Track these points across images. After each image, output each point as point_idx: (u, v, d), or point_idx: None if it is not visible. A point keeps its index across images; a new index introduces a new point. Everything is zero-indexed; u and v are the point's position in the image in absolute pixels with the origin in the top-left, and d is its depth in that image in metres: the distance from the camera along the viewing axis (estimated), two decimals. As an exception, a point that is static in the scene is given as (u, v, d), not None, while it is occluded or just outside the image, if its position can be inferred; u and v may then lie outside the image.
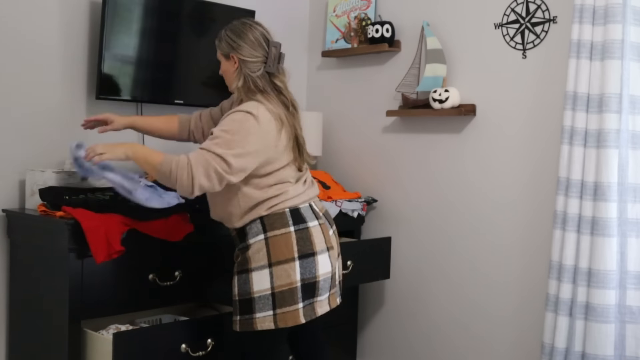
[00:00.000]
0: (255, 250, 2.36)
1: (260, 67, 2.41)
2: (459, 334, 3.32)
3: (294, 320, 2.35)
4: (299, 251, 2.35)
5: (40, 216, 2.59)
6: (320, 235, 2.42)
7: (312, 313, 2.39)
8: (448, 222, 3.35)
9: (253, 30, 2.43)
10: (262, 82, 2.41)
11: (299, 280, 2.34)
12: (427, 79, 3.29)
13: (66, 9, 2.96)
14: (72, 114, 3.00)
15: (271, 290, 2.33)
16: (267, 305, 2.33)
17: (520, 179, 3.10)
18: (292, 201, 2.40)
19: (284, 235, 2.36)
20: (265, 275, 2.33)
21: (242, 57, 2.41)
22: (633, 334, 2.68)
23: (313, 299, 2.39)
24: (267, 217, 2.37)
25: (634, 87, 2.67)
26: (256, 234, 2.37)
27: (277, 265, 2.33)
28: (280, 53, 2.44)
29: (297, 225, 2.38)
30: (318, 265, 2.38)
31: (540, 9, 3.02)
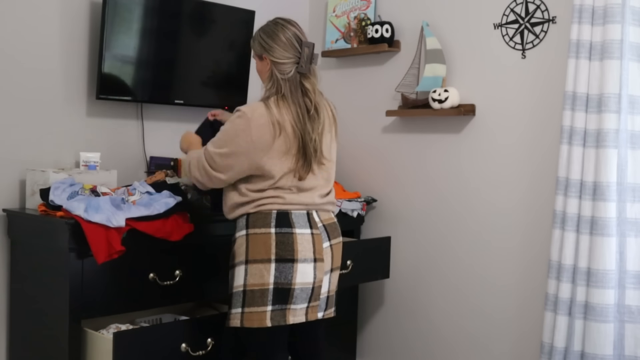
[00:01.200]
0: (238, 245, 2.38)
1: (292, 68, 2.37)
2: (458, 333, 3.32)
3: (260, 322, 2.30)
4: (276, 254, 2.31)
5: (41, 216, 2.59)
6: (307, 245, 2.35)
7: (282, 319, 2.33)
8: (447, 222, 3.35)
9: (285, 30, 2.40)
10: (287, 86, 2.36)
11: (272, 282, 2.30)
12: (426, 79, 3.30)
13: (66, 9, 2.96)
14: (72, 114, 3.00)
15: (243, 287, 2.33)
16: (238, 302, 2.34)
17: (519, 179, 3.11)
18: (284, 205, 2.35)
19: (263, 235, 2.33)
20: (241, 272, 2.34)
21: (274, 58, 2.38)
22: (632, 334, 2.69)
23: (285, 306, 2.33)
24: (253, 215, 2.36)
25: (633, 87, 2.68)
26: (240, 229, 2.39)
27: (252, 263, 2.32)
28: (312, 53, 2.40)
29: (279, 227, 2.33)
30: (296, 273, 2.32)
31: (539, 9, 3.03)
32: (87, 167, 2.86)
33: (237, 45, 3.40)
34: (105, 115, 3.10)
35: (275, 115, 2.32)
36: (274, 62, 2.38)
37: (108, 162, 3.06)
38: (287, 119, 2.33)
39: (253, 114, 2.31)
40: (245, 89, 3.46)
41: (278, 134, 2.31)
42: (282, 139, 2.32)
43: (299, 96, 2.37)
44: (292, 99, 2.36)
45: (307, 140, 2.35)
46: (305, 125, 2.35)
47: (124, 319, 2.74)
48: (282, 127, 2.31)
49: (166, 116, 3.31)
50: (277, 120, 2.31)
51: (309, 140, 2.35)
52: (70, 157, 2.96)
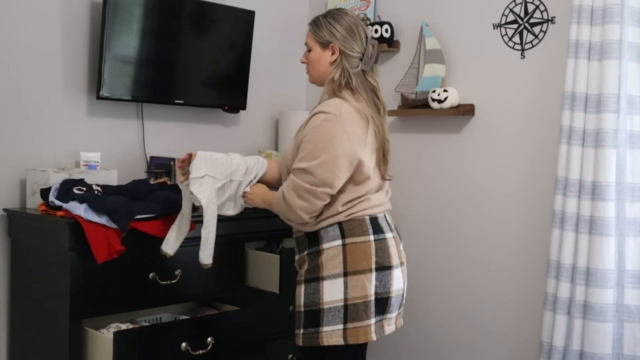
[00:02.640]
0: (330, 256, 2.19)
1: (358, 63, 2.27)
2: (458, 333, 3.33)
3: (366, 337, 2.18)
4: (376, 262, 2.19)
5: (41, 215, 2.60)
6: (394, 249, 2.27)
7: (382, 331, 2.23)
8: (447, 222, 3.36)
9: (358, 24, 2.29)
10: (358, 80, 2.26)
11: (373, 293, 2.17)
12: (426, 79, 3.30)
13: (67, 10, 2.97)
14: (72, 114, 3.01)
15: (344, 302, 2.15)
16: (337, 318, 2.16)
17: (518, 179, 3.11)
18: (372, 209, 2.24)
19: (363, 244, 2.19)
20: (339, 285, 2.16)
21: (345, 49, 2.25)
22: (631, 333, 2.69)
23: (383, 316, 2.22)
24: (346, 223, 2.20)
25: (631, 87, 2.68)
26: (332, 239, 2.20)
27: (353, 275, 2.16)
28: (377, 52, 2.32)
29: (376, 234, 2.22)
30: (393, 280, 2.22)
31: (538, 10, 3.04)
32: (87, 166, 2.87)
33: (237, 45, 3.41)
34: (105, 115, 3.11)
35: (360, 108, 2.20)
36: (344, 53, 2.26)
37: (108, 161, 3.07)
38: (368, 112, 2.22)
39: (341, 112, 2.16)
40: (245, 89, 3.46)
41: (367, 125, 2.20)
42: (371, 132, 2.22)
43: (369, 93, 2.27)
44: (364, 94, 2.25)
45: (385, 139, 2.27)
46: (382, 124, 2.27)
47: (124, 319, 2.75)
48: (368, 119, 2.21)
49: (166, 116, 3.32)
50: (363, 111, 2.20)
51: (386, 139, 2.28)
52: (71, 156, 2.97)
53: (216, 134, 3.51)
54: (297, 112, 3.70)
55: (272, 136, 3.78)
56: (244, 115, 3.62)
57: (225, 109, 3.48)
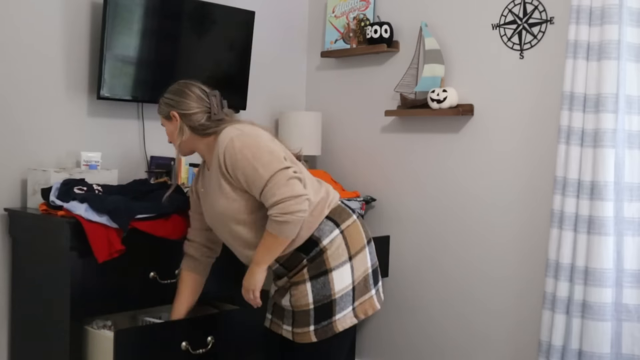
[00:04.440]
0: (335, 247, 2.24)
1: (204, 116, 2.29)
2: (456, 332, 3.34)
3: (372, 307, 2.29)
4: (366, 236, 2.35)
5: (42, 215, 2.61)
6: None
7: (379, 298, 2.35)
8: (446, 221, 3.37)
9: (190, 86, 2.33)
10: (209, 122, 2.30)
11: (370, 265, 2.32)
12: (425, 79, 3.31)
13: (67, 10, 2.98)
14: (73, 114, 3.02)
15: (352, 284, 2.24)
16: (348, 301, 2.23)
17: (517, 178, 3.12)
18: (335, 195, 2.36)
19: (354, 224, 2.32)
20: (347, 270, 2.24)
21: (182, 110, 2.29)
22: (629, 332, 2.70)
23: (377, 285, 2.36)
24: (332, 212, 2.30)
25: (630, 87, 2.69)
26: (330, 231, 2.26)
27: (355, 256, 2.27)
28: (221, 101, 2.34)
29: (354, 214, 2.37)
30: (373, 253, 2.37)
31: (537, 10, 3.04)
32: (88, 166, 2.88)
33: (237, 45, 3.42)
34: (106, 115, 3.12)
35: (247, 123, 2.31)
36: (183, 115, 2.29)
37: (109, 161, 3.07)
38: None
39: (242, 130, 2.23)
40: (245, 89, 3.47)
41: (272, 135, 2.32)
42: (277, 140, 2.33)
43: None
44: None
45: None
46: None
47: (124, 318, 2.76)
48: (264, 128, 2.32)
49: (166, 116, 3.32)
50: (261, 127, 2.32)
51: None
52: (72, 156, 2.98)
53: (216, 133, 3.52)
54: (297, 112, 3.71)
55: (272, 136, 3.78)
56: (244, 116, 3.63)
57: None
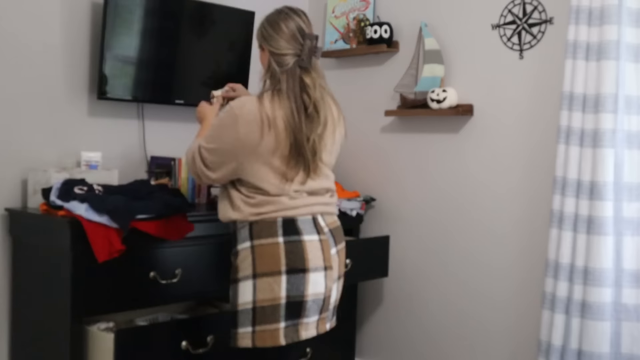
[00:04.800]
0: (242, 258, 2.16)
1: (291, 60, 2.18)
2: (456, 332, 3.34)
3: (273, 341, 2.11)
4: (287, 264, 2.11)
5: (42, 215, 2.62)
6: (317, 252, 2.16)
7: (295, 335, 2.14)
8: (446, 221, 3.37)
9: (288, 21, 2.20)
10: (284, 80, 2.17)
11: (284, 297, 2.10)
12: (425, 79, 3.32)
13: (68, 10, 2.98)
14: (73, 114, 3.02)
15: (252, 304, 2.12)
16: (247, 320, 2.13)
17: (517, 178, 3.13)
18: (288, 211, 2.16)
19: (270, 246, 2.13)
20: (249, 287, 2.13)
21: (272, 49, 2.20)
22: (629, 332, 2.70)
23: (298, 320, 2.14)
24: (256, 224, 2.15)
25: (629, 87, 2.69)
26: (244, 241, 2.17)
27: (261, 277, 2.11)
28: (316, 47, 2.21)
29: (287, 236, 2.14)
30: (308, 284, 2.13)
31: (537, 10, 3.05)
32: (88, 166, 2.88)
33: (237, 45, 3.42)
34: (106, 115, 3.12)
35: (267, 109, 2.13)
36: (272, 53, 2.21)
37: (109, 161, 3.08)
38: (279, 115, 2.13)
39: (242, 110, 2.14)
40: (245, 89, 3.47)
41: (267, 129, 2.12)
42: (272, 136, 2.13)
43: (296, 92, 2.17)
44: (289, 93, 2.16)
45: (302, 140, 2.15)
46: (300, 124, 2.14)
47: (123, 318, 2.77)
48: (272, 123, 2.12)
49: (167, 116, 3.33)
50: (267, 115, 2.12)
51: (304, 140, 2.15)
52: (72, 156, 2.98)
53: (216, 133, 3.52)
54: (297, 112, 3.71)
55: (272, 136, 3.79)
56: (244, 115, 3.63)
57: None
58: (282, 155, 2.15)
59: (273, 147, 2.14)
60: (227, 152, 2.16)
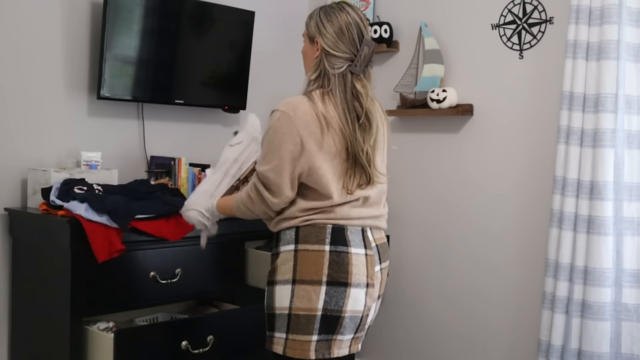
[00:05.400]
0: (283, 260, 2.04)
1: (344, 64, 2.03)
2: (457, 331, 3.34)
3: (303, 353, 1.99)
4: (329, 275, 1.98)
5: (42, 215, 2.62)
6: (362, 267, 2.02)
7: (327, 351, 2.01)
8: (446, 221, 3.37)
9: (349, 18, 2.04)
10: (336, 83, 2.02)
11: (321, 309, 1.97)
12: (425, 79, 3.32)
13: (68, 10, 2.98)
14: (73, 114, 3.02)
15: (289, 310, 2.00)
16: (282, 326, 2.01)
17: (517, 178, 3.13)
18: (339, 220, 2.02)
19: (315, 253, 2.00)
20: (287, 292, 2.00)
21: (326, 47, 2.03)
22: (629, 332, 2.70)
23: (332, 336, 2.00)
24: (303, 228, 2.02)
25: (629, 87, 2.69)
26: (287, 243, 2.05)
27: (300, 283, 1.99)
28: (372, 55, 2.06)
29: (334, 245, 2.00)
30: (348, 299, 1.99)
31: (536, 10, 3.05)
32: (88, 166, 2.88)
33: (237, 45, 3.42)
34: (106, 115, 3.12)
35: (321, 108, 1.98)
36: (325, 51, 2.03)
37: (109, 161, 3.08)
38: (333, 116, 1.99)
39: (296, 112, 1.97)
40: (245, 89, 3.48)
41: (326, 129, 1.98)
42: (331, 136, 1.99)
43: (348, 98, 2.01)
44: (341, 98, 2.01)
45: (358, 149, 2.01)
46: (354, 132, 2.00)
47: (123, 317, 2.77)
48: (328, 123, 1.98)
49: (166, 116, 3.33)
50: (323, 115, 1.98)
51: (359, 150, 2.01)
52: (72, 156, 2.98)
53: (216, 134, 3.53)
54: (297, 112, 3.71)
55: (271, 136, 3.79)
56: (244, 115, 3.64)
57: (225, 109, 3.49)
58: (342, 159, 2.02)
59: (333, 150, 2.00)
60: (289, 162, 1.98)
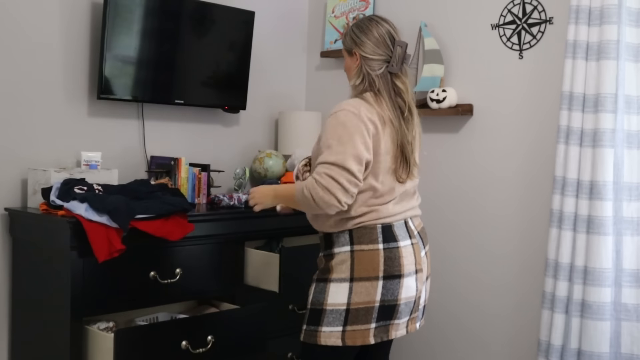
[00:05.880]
0: (339, 261, 2.22)
1: (382, 65, 2.27)
2: (456, 330, 3.34)
3: (363, 339, 2.20)
4: (384, 271, 2.20)
5: (42, 215, 2.62)
6: (410, 257, 2.27)
7: (385, 335, 2.24)
8: (445, 221, 3.37)
9: (379, 27, 2.30)
10: (380, 82, 2.26)
11: (379, 300, 2.19)
12: (424, 79, 3.32)
13: (68, 10, 2.98)
14: (73, 114, 3.03)
15: (347, 306, 2.19)
16: (337, 320, 2.19)
17: (516, 178, 3.13)
18: (386, 219, 2.24)
19: (371, 252, 2.21)
20: (344, 289, 2.19)
21: (364, 53, 2.28)
22: (628, 332, 2.70)
23: (389, 322, 2.24)
24: (357, 230, 2.22)
25: (629, 87, 2.69)
26: (343, 245, 2.24)
27: (358, 281, 2.19)
28: (405, 53, 2.31)
29: (387, 243, 2.22)
30: (402, 289, 2.22)
31: (536, 10, 3.05)
32: (88, 166, 2.89)
33: (237, 45, 3.42)
34: (106, 115, 3.13)
35: (377, 108, 2.21)
36: (363, 58, 2.28)
37: (109, 161, 3.08)
38: (387, 114, 2.22)
39: (359, 109, 2.18)
40: (245, 89, 3.48)
41: (383, 126, 2.20)
42: (388, 134, 2.21)
43: (392, 95, 2.27)
44: (387, 95, 2.26)
45: (405, 142, 2.24)
46: (401, 127, 2.24)
47: (122, 317, 2.77)
48: (387, 120, 2.21)
49: (167, 116, 3.33)
50: (381, 115, 2.20)
51: (406, 142, 2.24)
52: (72, 156, 2.99)
53: (216, 134, 3.53)
54: (297, 112, 3.71)
55: (271, 136, 3.79)
56: (244, 115, 3.64)
57: (225, 109, 3.50)
58: (393, 154, 2.23)
59: (390, 145, 2.22)
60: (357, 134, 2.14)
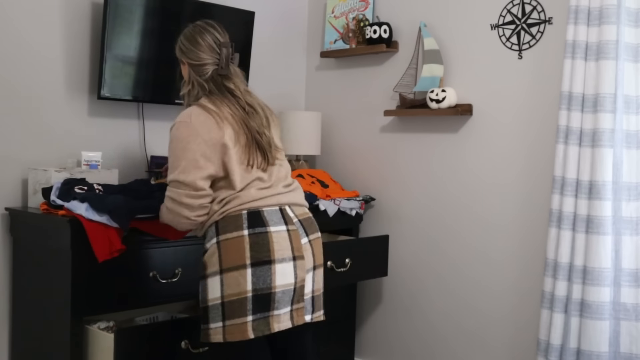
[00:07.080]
0: (210, 254, 2.20)
1: (210, 69, 2.31)
2: (455, 330, 3.35)
3: (242, 334, 2.12)
4: (252, 257, 2.13)
5: (43, 214, 2.62)
6: (284, 242, 2.18)
7: (266, 328, 2.15)
8: (445, 220, 3.38)
9: (203, 33, 2.34)
10: (211, 85, 2.31)
11: (251, 290, 2.12)
12: (424, 79, 3.33)
13: (68, 10, 2.99)
14: (74, 114, 3.03)
15: (221, 299, 2.15)
16: (217, 315, 2.16)
17: (516, 178, 3.13)
18: (253, 203, 2.20)
19: (235, 239, 2.16)
20: (217, 283, 2.16)
21: (191, 61, 2.33)
22: (627, 331, 2.71)
23: (268, 313, 2.15)
24: (222, 220, 2.20)
25: (628, 87, 2.70)
26: (211, 237, 2.22)
27: (227, 272, 2.14)
28: (231, 54, 2.34)
29: (252, 228, 2.17)
30: (275, 275, 2.14)
31: (535, 10, 3.06)
32: (88, 166, 2.89)
33: (237, 45, 3.38)
34: (106, 115, 3.13)
35: (212, 108, 2.23)
36: (191, 65, 2.33)
37: (109, 161, 3.09)
38: (225, 110, 2.24)
39: (192, 117, 2.22)
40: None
41: (222, 122, 2.21)
42: (229, 128, 2.22)
43: (227, 95, 2.30)
44: (220, 95, 2.29)
45: (256, 135, 2.26)
46: (248, 121, 2.26)
47: (122, 317, 2.77)
48: (223, 117, 2.22)
49: (167, 116, 3.33)
50: (215, 112, 2.22)
51: (258, 135, 2.26)
52: (72, 156, 2.99)
53: (216, 133, 3.53)
54: (297, 112, 3.72)
55: (271, 136, 3.79)
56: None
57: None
58: (242, 145, 2.23)
59: (234, 139, 2.22)
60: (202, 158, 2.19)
